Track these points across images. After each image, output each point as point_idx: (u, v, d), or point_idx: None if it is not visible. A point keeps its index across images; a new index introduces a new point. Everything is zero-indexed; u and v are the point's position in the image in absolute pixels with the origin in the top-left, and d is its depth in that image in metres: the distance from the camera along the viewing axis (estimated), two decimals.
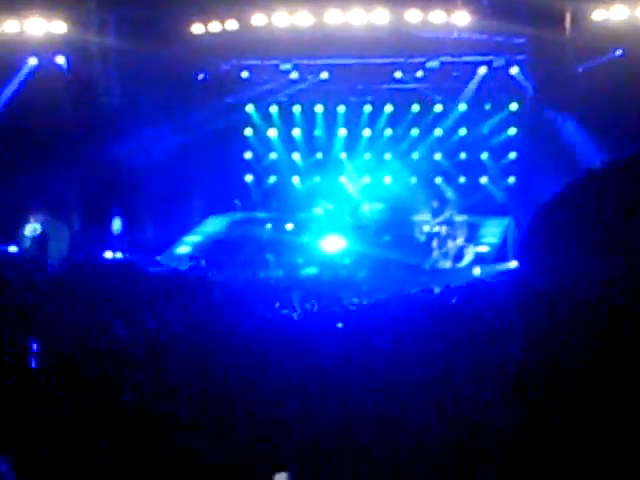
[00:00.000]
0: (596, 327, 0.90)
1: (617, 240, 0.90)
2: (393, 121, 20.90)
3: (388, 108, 20.74)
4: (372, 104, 20.82)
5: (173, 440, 5.77)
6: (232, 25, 18.52)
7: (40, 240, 17.67)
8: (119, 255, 17.71)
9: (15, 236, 17.65)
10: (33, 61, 19.01)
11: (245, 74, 20.63)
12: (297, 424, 6.10)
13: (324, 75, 20.26)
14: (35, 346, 7.42)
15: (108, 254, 17.58)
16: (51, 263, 16.85)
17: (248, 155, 21.71)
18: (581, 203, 0.95)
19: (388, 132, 21.00)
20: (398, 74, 19.91)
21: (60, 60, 18.82)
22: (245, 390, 6.74)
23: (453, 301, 10.54)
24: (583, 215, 0.94)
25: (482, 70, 19.40)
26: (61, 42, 18.51)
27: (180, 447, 5.67)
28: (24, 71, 18.99)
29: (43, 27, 18.39)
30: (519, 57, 19.02)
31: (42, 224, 17.81)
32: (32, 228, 17.73)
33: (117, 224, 18.23)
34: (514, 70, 19.22)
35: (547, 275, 0.94)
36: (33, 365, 7.02)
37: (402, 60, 19.56)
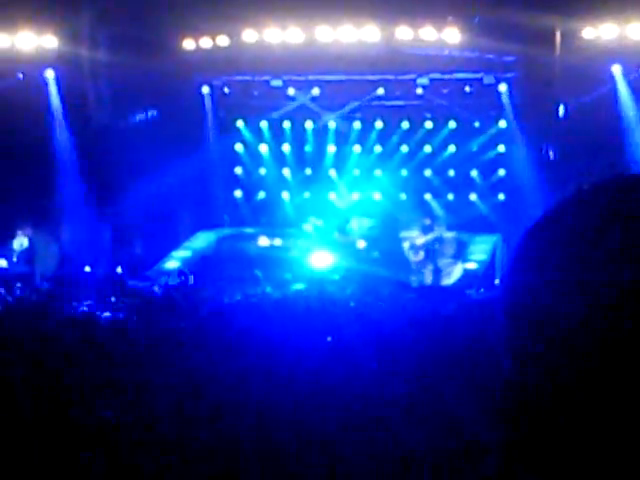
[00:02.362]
0: (584, 345, 0.89)
1: (606, 258, 0.89)
2: (383, 138, 20.94)
3: (378, 124, 20.80)
4: (362, 120, 20.86)
5: (160, 457, 5.74)
6: (223, 41, 18.57)
7: (27, 254, 17.61)
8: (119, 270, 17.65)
9: (3, 250, 17.60)
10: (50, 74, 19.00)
11: (235, 89, 20.68)
12: (284, 440, 6.08)
13: (315, 91, 20.33)
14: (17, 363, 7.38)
15: (87, 268, 17.46)
16: (39, 277, 16.83)
17: (238, 170, 21.72)
18: (570, 221, 0.95)
19: (378, 148, 21.04)
20: (380, 90, 19.98)
21: (49, 74, 18.82)
22: (232, 404, 6.71)
23: (441, 317, 10.54)
24: (572, 233, 0.93)
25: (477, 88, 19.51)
26: (52, 57, 18.51)
27: (166, 463, 5.64)
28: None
29: (34, 41, 18.39)
30: (509, 75, 19.12)
31: (29, 238, 17.76)
32: (19, 242, 17.68)
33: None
34: (502, 87, 19.33)
35: (535, 292, 0.93)
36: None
37: (392, 77, 19.63)
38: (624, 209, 0.92)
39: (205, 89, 20.58)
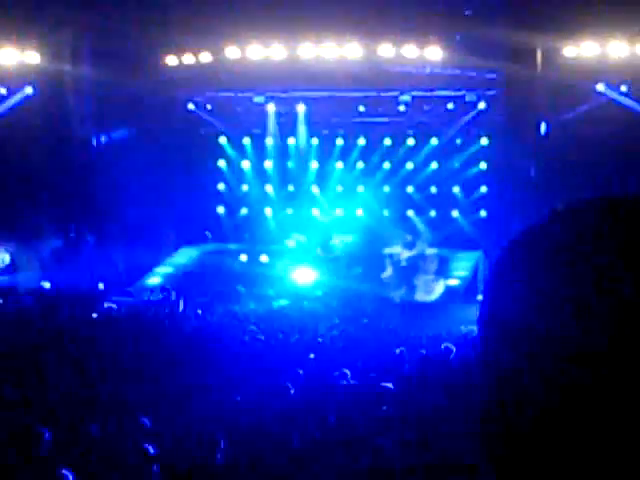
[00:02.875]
0: (561, 363, 0.91)
1: (582, 278, 0.92)
2: (365, 154, 20.99)
3: (360, 141, 20.84)
4: (344, 137, 20.91)
5: (145, 472, 5.73)
6: (206, 57, 18.59)
7: (9, 270, 17.54)
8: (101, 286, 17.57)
9: None
10: (3, 91, 18.97)
11: (218, 106, 20.71)
12: (267, 457, 6.08)
13: (297, 108, 20.37)
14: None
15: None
16: (21, 293, 16.74)
17: (221, 186, 21.70)
18: (547, 240, 0.97)
19: (360, 165, 21.08)
20: (362, 108, 20.05)
21: (29, 90, 18.80)
22: (217, 422, 6.71)
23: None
24: (548, 252, 0.95)
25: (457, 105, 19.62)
26: (34, 72, 18.48)
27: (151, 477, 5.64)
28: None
29: (16, 57, 18.35)
30: (491, 92, 19.21)
31: (11, 254, 17.69)
32: (1, 258, 17.61)
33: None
34: (483, 105, 19.44)
35: (511, 309, 0.95)
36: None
37: (375, 94, 19.70)
38: (600, 231, 0.94)
39: (191, 105, 20.60)
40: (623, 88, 17.95)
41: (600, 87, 18.03)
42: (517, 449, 0.93)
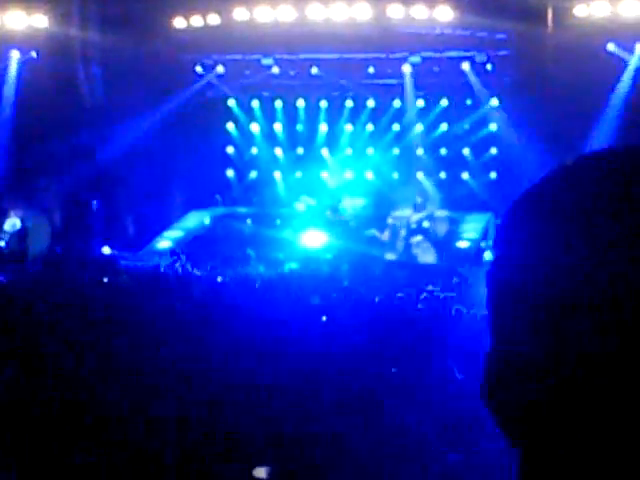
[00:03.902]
0: (564, 321, 0.89)
1: (590, 235, 0.90)
2: (375, 116, 20.90)
3: (370, 103, 20.74)
4: (354, 99, 20.80)
5: (159, 437, 5.75)
6: (214, 19, 18.49)
7: (20, 235, 17.58)
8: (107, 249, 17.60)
9: None
10: (16, 54, 18.92)
11: (226, 68, 20.60)
12: (277, 419, 6.10)
13: (305, 70, 20.26)
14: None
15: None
16: (31, 258, 16.80)
17: (230, 150, 21.66)
18: (554, 197, 0.95)
19: (370, 127, 21.00)
20: (371, 69, 19.92)
21: (34, 54, 18.76)
22: (225, 382, 6.72)
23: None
24: (555, 209, 0.93)
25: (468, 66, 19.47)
26: (42, 36, 18.42)
27: (165, 442, 5.66)
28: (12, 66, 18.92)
29: (24, 21, 18.29)
30: (501, 53, 19.07)
31: (22, 219, 17.72)
32: (12, 223, 17.64)
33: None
34: (491, 66, 19.31)
35: (518, 267, 0.94)
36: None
37: (384, 55, 19.56)
38: (613, 186, 0.92)
39: (199, 68, 20.49)
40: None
41: (610, 47, 17.87)
42: (533, 416, 0.92)
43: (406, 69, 19.70)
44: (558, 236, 0.91)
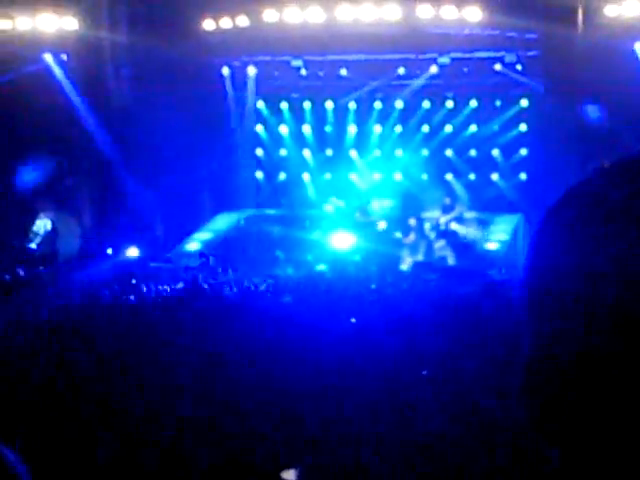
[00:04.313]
0: (610, 325, 0.87)
1: (628, 241, 0.87)
2: (403, 117, 20.87)
3: (399, 104, 20.71)
4: (382, 100, 20.78)
5: (181, 437, 5.75)
6: (243, 21, 18.54)
7: (50, 236, 17.69)
8: (134, 252, 17.66)
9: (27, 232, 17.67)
10: (48, 57, 19.06)
11: (256, 70, 20.65)
12: (307, 421, 6.09)
13: (335, 71, 20.26)
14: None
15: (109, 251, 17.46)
16: (62, 259, 16.90)
17: (259, 151, 21.71)
18: (592, 199, 0.92)
19: (398, 129, 20.97)
20: (401, 70, 19.89)
21: (63, 57, 18.90)
22: (255, 386, 6.72)
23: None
24: (594, 211, 0.91)
25: (498, 66, 19.41)
26: (72, 39, 18.54)
27: (188, 444, 5.66)
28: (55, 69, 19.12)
29: (55, 23, 18.42)
30: (531, 53, 18.98)
31: (52, 220, 17.82)
32: (42, 224, 17.75)
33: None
34: (521, 66, 19.24)
35: (558, 273, 0.91)
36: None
37: (413, 56, 19.53)
38: None
39: (225, 70, 20.52)
40: None
41: (637, 47, 17.71)
42: (561, 406, 0.90)
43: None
44: (599, 240, 0.89)
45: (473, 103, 20.20)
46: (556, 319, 0.91)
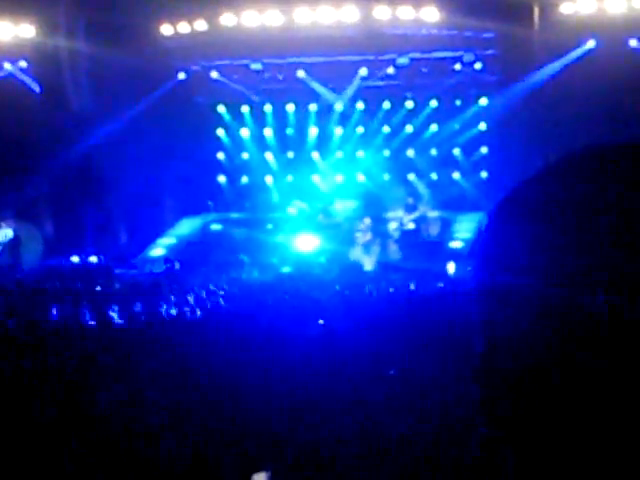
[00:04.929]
0: (547, 323, 0.90)
1: (571, 237, 0.90)
2: (364, 118, 20.92)
3: (359, 106, 20.76)
4: (343, 102, 20.82)
5: (152, 441, 5.75)
6: (201, 25, 18.49)
7: (12, 245, 17.55)
8: (94, 259, 17.56)
9: None
10: (8, 65, 18.92)
11: (214, 74, 20.60)
12: (276, 423, 6.10)
13: (294, 74, 20.27)
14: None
15: (75, 258, 17.31)
16: (24, 268, 16.77)
17: (220, 155, 21.66)
18: (535, 199, 0.95)
19: (360, 130, 21.02)
20: (363, 71, 19.93)
21: (22, 64, 18.78)
22: (226, 390, 6.73)
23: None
24: (537, 211, 0.94)
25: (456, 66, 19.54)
26: (29, 46, 18.40)
27: (160, 447, 5.65)
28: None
29: (11, 31, 18.27)
30: (489, 52, 19.10)
31: (14, 229, 17.69)
32: (3, 234, 17.61)
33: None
34: (480, 65, 19.36)
35: (504, 271, 0.94)
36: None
37: (372, 57, 19.58)
38: (592, 180, 0.92)
39: (181, 75, 20.41)
40: (633, 42, 17.68)
41: (590, 43, 17.85)
42: (514, 409, 0.93)
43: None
44: (541, 237, 0.91)
45: (433, 103, 20.30)
46: (502, 316, 0.93)
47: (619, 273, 0.87)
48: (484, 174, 20.20)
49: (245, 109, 21.24)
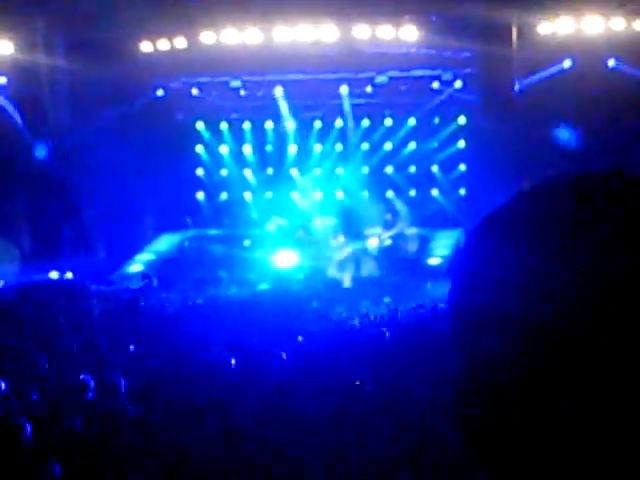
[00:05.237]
0: (523, 340, 0.92)
1: (551, 256, 0.92)
2: (343, 136, 20.98)
3: (338, 123, 20.83)
4: (322, 119, 20.87)
5: (118, 456, 5.73)
6: (181, 43, 18.51)
7: None
8: (69, 275, 17.49)
9: None
10: None
11: (195, 91, 20.63)
12: (251, 439, 6.09)
13: (274, 91, 20.32)
14: None
15: (54, 274, 17.24)
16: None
17: (199, 172, 21.66)
18: (515, 219, 0.97)
19: (339, 147, 21.08)
20: (343, 89, 20.02)
21: (3, 80, 18.71)
22: (200, 404, 6.71)
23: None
24: (518, 230, 0.96)
25: (435, 84, 19.66)
26: (8, 63, 18.36)
27: (124, 463, 5.64)
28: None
29: None
30: (467, 71, 19.22)
31: None
32: None
33: None
34: (458, 84, 19.48)
35: (480, 289, 0.96)
36: None
37: (351, 75, 19.66)
38: (563, 209, 0.95)
39: (160, 92, 20.40)
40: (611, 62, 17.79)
41: (567, 63, 17.98)
42: (487, 423, 0.94)
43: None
44: (520, 255, 0.94)
45: (412, 121, 20.38)
46: (477, 335, 0.95)
47: (598, 292, 0.89)
48: (462, 191, 20.29)
49: (224, 126, 21.25)
